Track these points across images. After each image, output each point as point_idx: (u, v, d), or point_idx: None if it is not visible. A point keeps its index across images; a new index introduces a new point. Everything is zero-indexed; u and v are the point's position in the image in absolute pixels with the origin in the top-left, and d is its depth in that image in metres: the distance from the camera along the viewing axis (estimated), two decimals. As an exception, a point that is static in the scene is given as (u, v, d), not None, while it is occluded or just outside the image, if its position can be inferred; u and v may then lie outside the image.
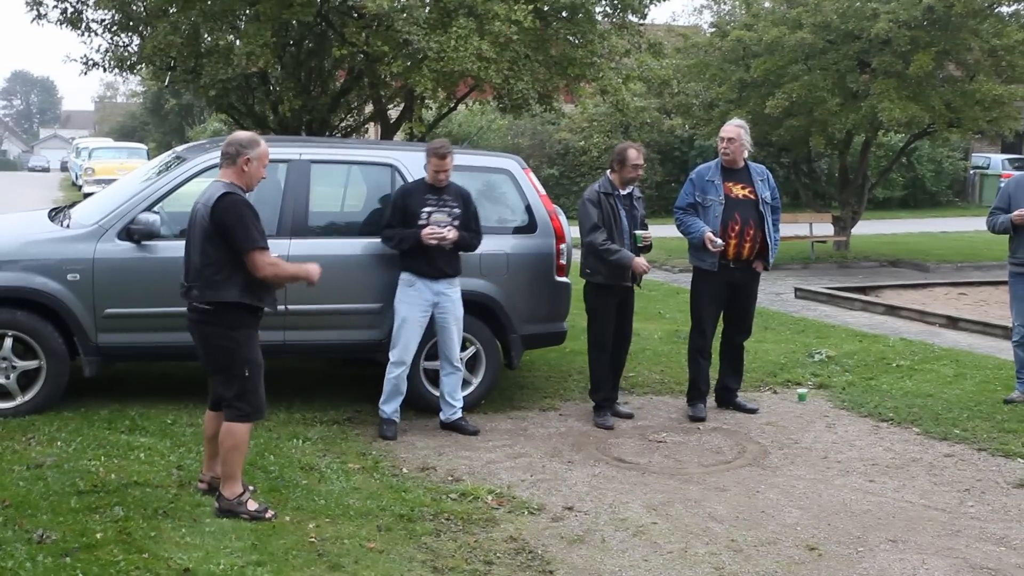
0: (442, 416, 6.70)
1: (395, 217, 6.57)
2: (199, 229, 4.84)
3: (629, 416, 7.04)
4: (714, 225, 6.94)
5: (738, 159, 7.07)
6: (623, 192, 6.87)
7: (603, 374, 6.97)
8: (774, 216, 7.11)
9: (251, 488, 5.11)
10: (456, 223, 6.52)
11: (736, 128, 7.05)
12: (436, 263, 6.50)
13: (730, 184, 7.04)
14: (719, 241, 6.87)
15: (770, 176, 7.23)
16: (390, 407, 6.55)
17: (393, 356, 6.54)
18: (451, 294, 6.58)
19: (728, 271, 7.05)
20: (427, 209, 6.50)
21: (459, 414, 6.69)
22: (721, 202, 6.98)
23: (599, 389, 7.00)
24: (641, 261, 6.82)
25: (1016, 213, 7.28)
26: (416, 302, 6.50)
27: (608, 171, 6.99)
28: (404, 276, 6.55)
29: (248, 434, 5.01)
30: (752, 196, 7.03)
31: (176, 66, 12.64)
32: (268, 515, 4.89)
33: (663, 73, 13.90)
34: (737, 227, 6.95)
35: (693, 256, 7.17)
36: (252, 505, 4.92)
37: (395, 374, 6.54)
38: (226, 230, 4.76)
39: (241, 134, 5.06)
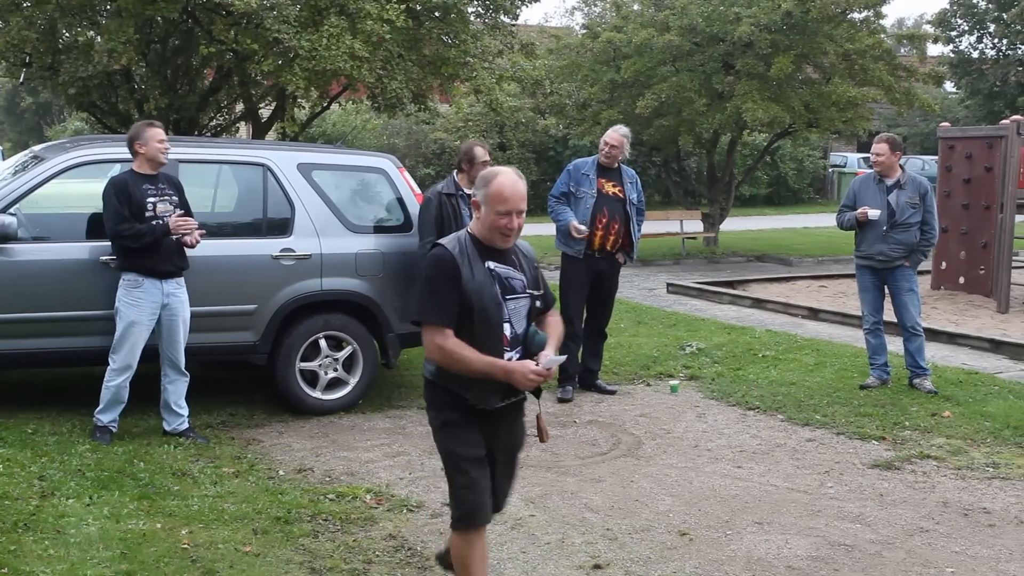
0: (166, 426, 6.23)
1: (131, 210, 6.00)
2: None
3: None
4: (584, 215, 7.46)
5: (615, 162, 7.59)
6: (468, 191, 6.97)
7: None
8: (639, 217, 7.69)
9: None
10: (178, 211, 6.12)
11: (621, 137, 7.60)
12: (171, 258, 6.08)
13: (603, 180, 7.56)
14: (583, 228, 7.38)
15: (638, 180, 7.85)
16: (107, 416, 6.09)
17: (115, 362, 6.04)
18: (179, 295, 6.18)
19: (593, 260, 7.57)
20: (151, 200, 6.04)
21: (186, 423, 6.25)
22: (593, 196, 7.48)
23: None
24: None
25: (860, 211, 7.70)
26: (144, 304, 6.02)
27: (455, 171, 7.13)
28: (129, 276, 6.03)
29: None
30: (621, 195, 7.59)
31: (32, 63, 12.06)
32: None
33: (536, 73, 14.07)
34: (604, 220, 7.48)
35: (560, 243, 7.67)
36: None
37: (117, 381, 6.05)
38: None
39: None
